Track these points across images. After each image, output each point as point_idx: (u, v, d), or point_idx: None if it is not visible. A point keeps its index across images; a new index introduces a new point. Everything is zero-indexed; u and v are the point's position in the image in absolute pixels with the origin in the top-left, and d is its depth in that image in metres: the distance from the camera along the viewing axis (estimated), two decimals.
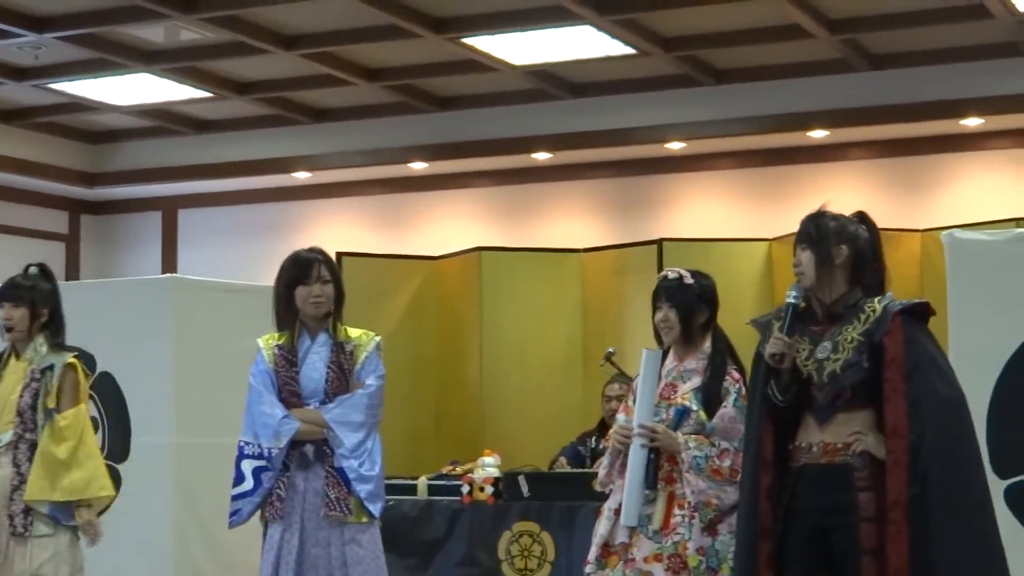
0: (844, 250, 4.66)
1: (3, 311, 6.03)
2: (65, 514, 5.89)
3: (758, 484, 4.62)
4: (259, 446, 5.69)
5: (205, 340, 7.85)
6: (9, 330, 6.03)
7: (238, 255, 12.71)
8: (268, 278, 6.02)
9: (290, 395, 5.73)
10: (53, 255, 13.08)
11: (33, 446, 5.88)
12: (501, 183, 12.09)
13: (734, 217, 11.27)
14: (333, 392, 5.70)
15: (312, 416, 5.68)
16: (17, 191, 12.79)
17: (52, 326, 6.08)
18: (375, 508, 5.66)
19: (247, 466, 5.71)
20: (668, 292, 5.41)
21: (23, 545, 5.82)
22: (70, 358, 6.02)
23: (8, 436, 5.90)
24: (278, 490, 5.66)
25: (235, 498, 5.71)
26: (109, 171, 12.94)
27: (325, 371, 5.73)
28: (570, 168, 11.82)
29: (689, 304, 5.38)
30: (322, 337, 5.77)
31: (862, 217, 4.80)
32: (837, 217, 4.74)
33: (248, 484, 5.69)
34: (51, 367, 5.96)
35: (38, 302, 6.05)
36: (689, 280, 5.42)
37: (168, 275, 9.99)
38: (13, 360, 6.05)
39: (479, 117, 11.55)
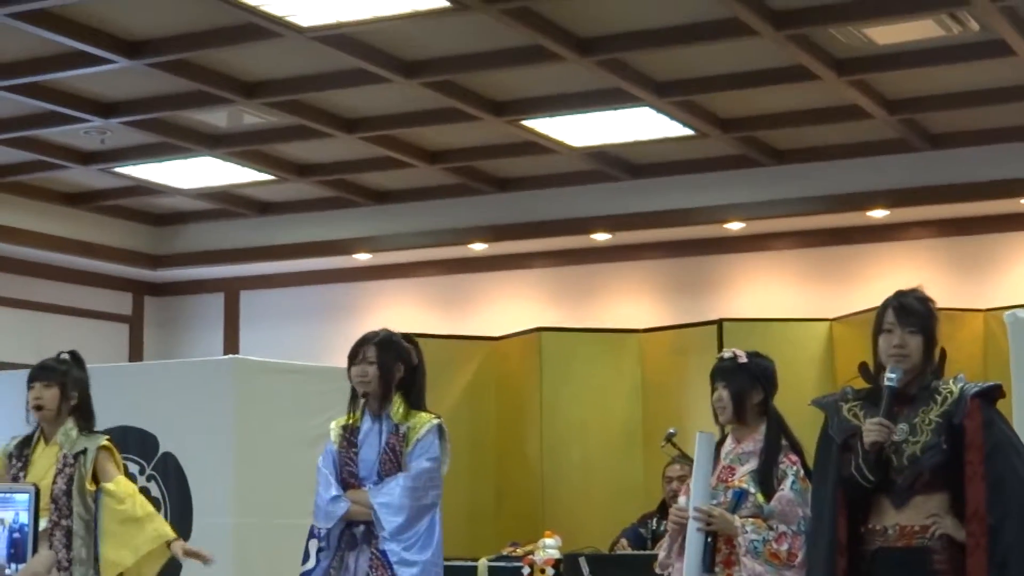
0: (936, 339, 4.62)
1: (33, 391, 6.01)
2: None
3: (834, 568, 4.53)
4: (318, 527, 5.76)
5: (266, 421, 7.85)
6: (39, 409, 6.00)
7: (299, 336, 12.75)
8: (328, 359, 6.07)
9: (348, 476, 5.77)
10: (117, 336, 13.20)
11: (69, 533, 5.81)
12: (560, 264, 12.09)
13: (794, 297, 11.21)
14: (385, 473, 5.73)
15: (361, 497, 5.72)
16: (82, 273, 12.90)
17: (82, 411, 6.06)
18: None
19: (312, 546, 5.77)
20: (722, 372, 5.38)
21: None
22: (103, 441, 6.00)
23: (43, 523, 5.79)
24: (332, 570, 5.72)
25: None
26: (172, 253, 13.04)
27: (379, 453, 5.75)
28: (629, 248, 11.81)
29: (742, 384, 5.34)
30: (382, 419, 5.80)
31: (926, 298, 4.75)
32: (930, 300, 4.68)
33: (311, 563, 5.76)
34: (84, 451, 5.93)
35: (69, 385, 6.04)
36: (744, 360, 5.38)
37: (230, 356, 10.01)
38: (42, 445, 6.01)
39: (538, 198, 11.58)
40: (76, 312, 12.90)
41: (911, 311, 4.58)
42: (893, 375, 4.54)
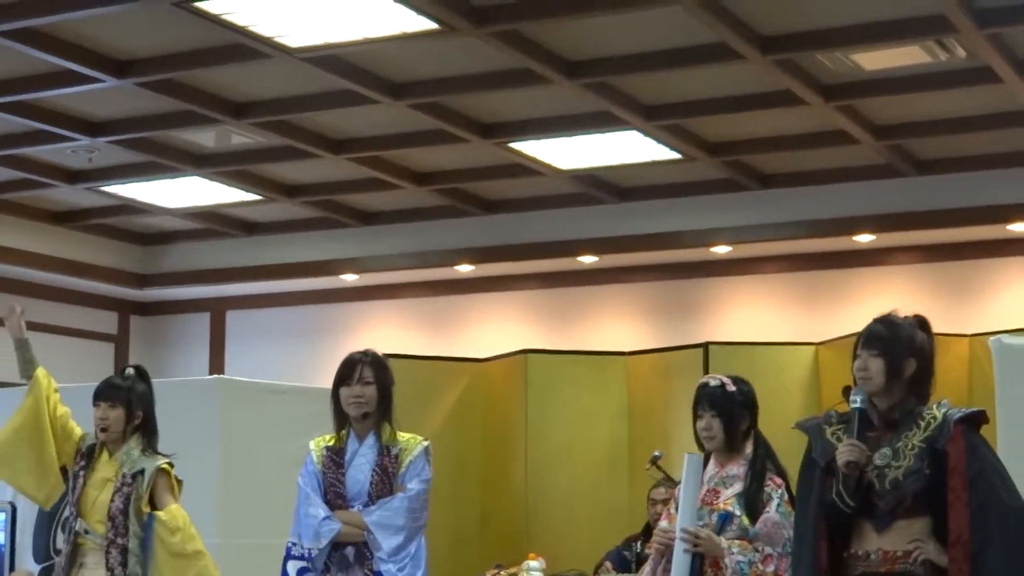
0: (912, 363, 4.62)
1: (99, 411, 5.91)
2: None
3: None
4: (303, 547, 5.71)
5: (252, 441, 7.84)
6: (104, 430, 5.91)
7: (285, 356, 12.75)
8: (315, 379, 6.07)
9: (335, 497, 5.73)
10: (102, 355, 13.19)
11: (124, 551, 5.74)
12: (547, 286, 12.11)
13: (780, 321, 11.23)
14: (377, 495, 5.69)
15: (353, 518, 5.67)
16: (68, 291, 12.90)
17: (146, 429, 5.99)
18: None
19: (292, 567, 5.71)
20: (711, 399, 5.37)
21: None
22: (162, 463, 5.91)
23: (99, 538, 5.78)
24: None
25: None
26: (159, 272, 13.04)
27: (370, 474, 5.71)
28: (616, 271, 11.82)
29: (732, 411, 5.35)
30: (370, 439, 5.76)
31: (922, 323, 4.76)
32: (907, 325, 4.69)
33: None
34: (142, 471, 5.85)
35: (134, 404, 5.95)
36: (731, 388, 5.39)
37: (215, 376, 10.00)
38: (105, 456, 5.94)
39: (525, 220, 11.60)
40: (62, 331, 12.89)
41: (874, 335, 4.62)
42: (857, 397, 4.58)
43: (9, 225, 11.84)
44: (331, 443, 5.79)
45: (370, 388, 5.71)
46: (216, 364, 13.29)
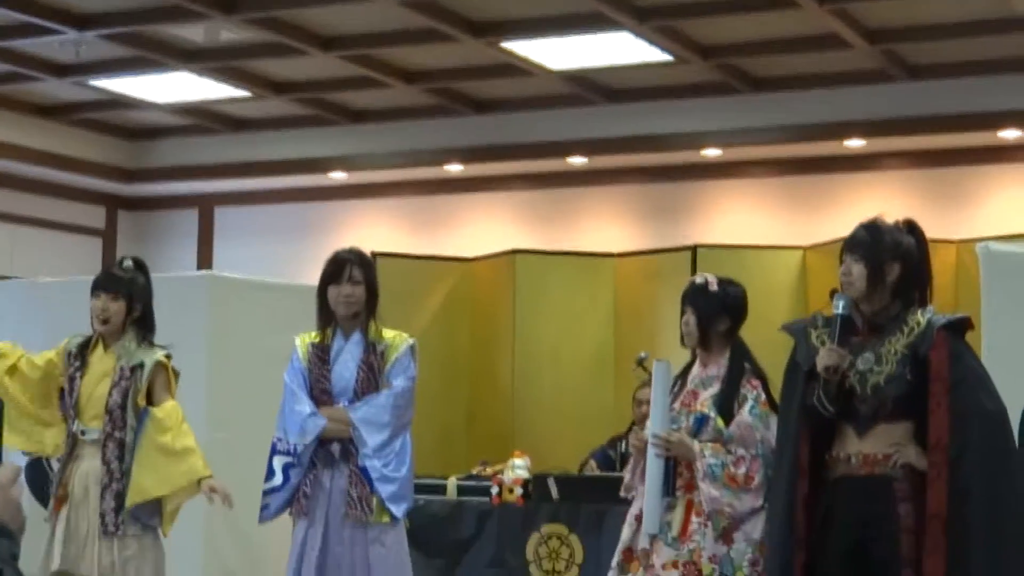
0: (896, 268, 4.63)
1: (99, 302, 5.83)
2: (146, 514, 5.77)
3: (794, 493, 4.59)
4: (288, 442, 5.75)
5: (240, 337, 7.85)
6: (105, 322, 5.84)
7: (273, 253, 12.74)
8: (303, 277, 6.07)
9: (321, 393, 5.77)
10: (90, 250, 13.17)
11: (121, 445, 5.72)
12: (536, 187, 12.09)
13: (768, 225, 11.24)
14: (362, 391, 5.73)
15: (339, 414, 5.72)
16: (55, 186, 12.85)
17: (144, 322, 5.92)
18: (397, 509, 5.67)
19: (278, 462, 5.77)
20: (692, 297, 5.42)
21: (111, 542, 5.70)
22: (161, 356, 5.86)
23: (95, 433, 5.76)
24: (305, 487, 5.73)
25: (265, 493, 5.81)
26: (147, 168, 12.99)
27: (356, 370, 5.76)
28: (605, 173, 11.81)
29: (710, 311, 5.38)
30: (355, 337, 5.80)
31: (911, 227, 4.76)
32: (892, 230, 4.69)
33: (277, 480, 5.76)
34: (141, 365, 5.80)
35: (135, 296, 5.88)
36: (714, 287, 5.41)
37: (204, 272, 10.00)
38: (101, 349, 5.88)
39: (515, 121, 11.55)
40: (49, 225, 12.87)
41: (856, 240, 4.64)
42: (839, 302, 4.61)
43: None
44: (317, 340, 5.83)
45: (359, 288, 5.75)
46: (204, 260, 13.28)
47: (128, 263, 6.02)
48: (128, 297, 5.87)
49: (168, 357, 5.90)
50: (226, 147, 12.57)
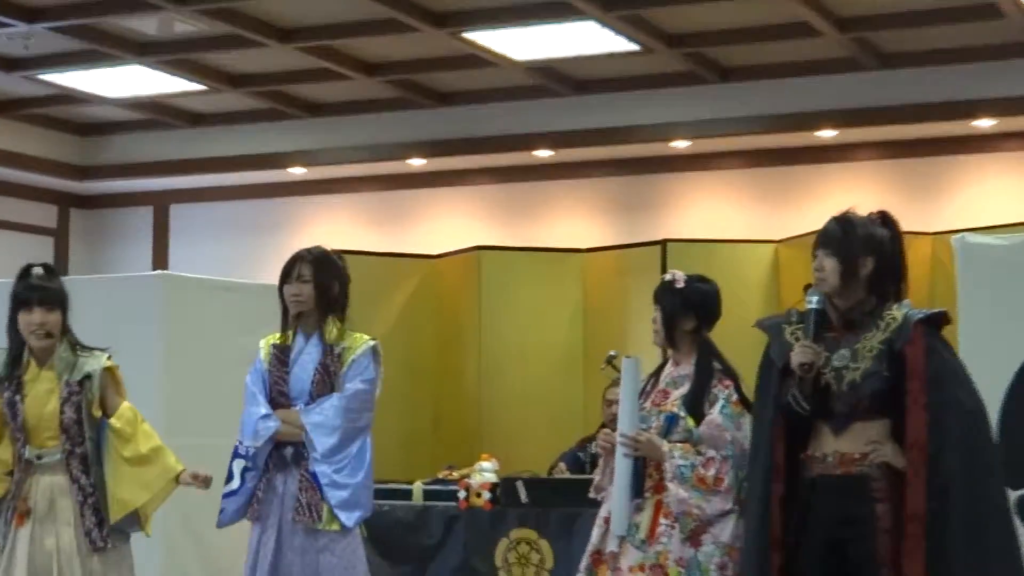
0: (870, 262, 4.62)
1: (35, 316, 5.67)
2: (127, 522, 5.71)
3: (769, 493, 4.59)
4: (244, 445, 5.76)
5: (196, 339, 7.82)
6: (48, 335, 5.68)
7: (231, 252, 12.70)
8: (262, 276, 6.06)
9: (279, 395, 5.79)
10: (41, 250, 13.05)
11: (84, 459, 5.64)
12: (502, 181, 12.07)
13: (740, 218, 11.25)
14: (318, 394, 5.74)
15: (291, 417, 5.73)
16: (5, 184, 12.76)
17: (68, 328, 5.79)
18: (347, 517, 5.65)
19: (237, 466, 5.78)
20: (658, 294, 5.44)
21: (101, 556, 5.62)
22: (104, 360, 5.75)
23: (56, 454, 5.66)
24: (259, 491, 5.74)
25: (223, 497, 5.81)
26: (100, 164, 12.91)
27: (312, 373, 5.76)
28: (572, 166, 11.80)
29: (675, 309, 5.39)
30: (315, 338, 5.80)
31: (885, 219, 4.76)
32: (864, 223, 4.68)
33: (235, 483, 5.79)
34: (89, 376, 5.69)
35: (66, 305, 5.74)
36: (680, 284, 5.42)
37: (159, 272, 9.96)
38: (34, 366, 5.73)
39: (480, 113, 11.54)
40: None
41: (828, 234, 4.65)
42: (812, 298, 4.61)
43: None
44: (279, 342, 5.83)
45: (307, 286, 5.75)
46: (160, 259, 13.22)
47: (38, 270, 5.84)
48: (62, 307, 5.74)
49: (110, 358, 5.80)
50: (181, 143, 12.52)
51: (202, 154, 12.48)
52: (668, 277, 5.48)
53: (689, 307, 5.40)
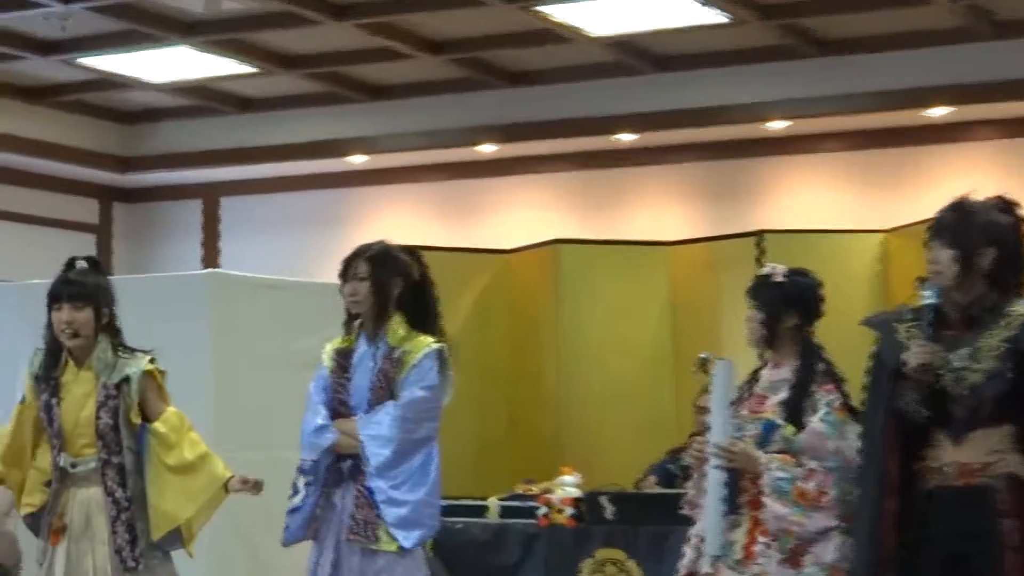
0: (990, 253, 4.58)
1: (63, 314, 5.72)
2: (167, 540, 5.72)
3: (881, 509, 4.56)
4: (303, 458, 5.79)
5: (249, 342, 7.85)
6: (75, 336, 5.73)
7: (286, 248, 12.76)
8: (319, 273, 6.06)
9: (339, 404, 5.81)
10: (82, 248, 13.05)
11: (121, 470, 5.67)
12: (580, 168, 12.07)
13: (843, 205, 11.19)
14: (377, 402, 5.75)
15: (349, 427, 5.74)
16: (42, 177, 12.88)
17: (112, 327, 5.82)
18: (406, 537, 5.63)
19: (301, 481, 5.79)
20: (755, 291, 5.40)
21: None
22: (146, 363, 5.77)
23: (92, 462, 5.70)
24: (318, 508, 5.75)
25: (288, 512, 5.81)
26: (144, 155, 13.01)
27: (371, 379, 5.77)
28: (657, 151, 11.77)
29: (775, 306, 5.35)
30: (377, 341, 5.81)
31: (1005, 205, 4.70)
32: (983, 209, 4.64)
33: (299, 498, 5.78)
34: (127, 379, 5.72)
35: (102, 302, 5.77)
36: (780, 278, 5.38)
37: (209, 270, 10.03)
38: (73, 367, 5.79)
39: (554, 94, 11.53)
40: (35, 220, 12.90)
41: (943, 223, 4.60)
42: (928, 292, 4.57)
43: None
44: (342, 345, 5.85)
45: (363, 285, 5.76)
46: (209, 256, 13.31)
47: (81, 263, 5.92)
48: (95, 304, 5.76)
49: (152, 361, 5.83)
50: (231, 130, 12.59)
51: (254, 142, 12.55)
52: (766, 271, 5.44)
53: (790, 304, 5.37)
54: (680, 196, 11.77)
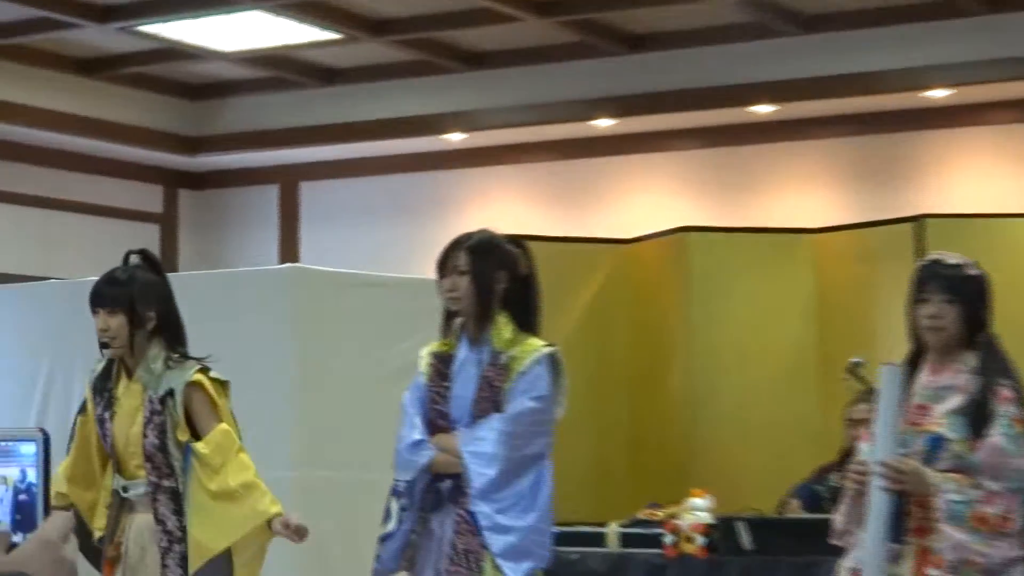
0: None
1: (98, 320, 5.80)
2: (213, 571, 5.76)
3: None
4: (396, 479, 5.79)
5: (335, 346, 7.87)
6: (106, 345, 5.81)
7: (375, 239, 12.82)
8: (415, 267, 6.05)
9: (437, 416, 5.81)
10: (144, 240, 13.23)
11: (174, 495, 5.72)
12: (710, 144, 12.06)
13: (1016, 185, 11.09)
14: (480, 414, 5.74)
15: (449, 443, 5.74)
16: (99, 161, 13.01)
17: (165, 332, 5.87)
18: (514, 569, 5.63)
19: (395, 505, 5.79)
20: (950, 282, 5.31)
21: None
22: (193, 373, 5.80)
23: (142, 487, 5.77)
24: (413, 535, 5.77)
25: (380, 540, 5.83)
26: (213, 135, 13.12)
27: (474, 388, 5.75)
28: (800, 124, 11.73)
29: (974, 301, 5.29)
30: (481, 345, 5.79)
31: None
32: None
33: (392, 525, 5.79)
34: (171, 392, 5.77)
35: (138, 302, 5.80)
36: (973, 270, 5.33)
37: (288, 265, 10.07)
38: (124, 378, 5.86)
39: (681, 60, 11.53)
40: (91, 210, 13.03)
41: None
42: None
43: (23, 77, 11.92)
44: (441, 349, 5.83)
45: (463, 279, 5.75)
46: (288, 249, 13.41)
47: (134, 258, 5.98)
48: (128, 306, 5.80)
49: (204, 370, 5.85)
50: (312, 105, 12.66)
51: (338, 119, 12.62)
52: (952, 260, 5.35)
53: (984, 299, 5.32)
54: (826, 176, 11.72)
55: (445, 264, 5.80)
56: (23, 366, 8.23)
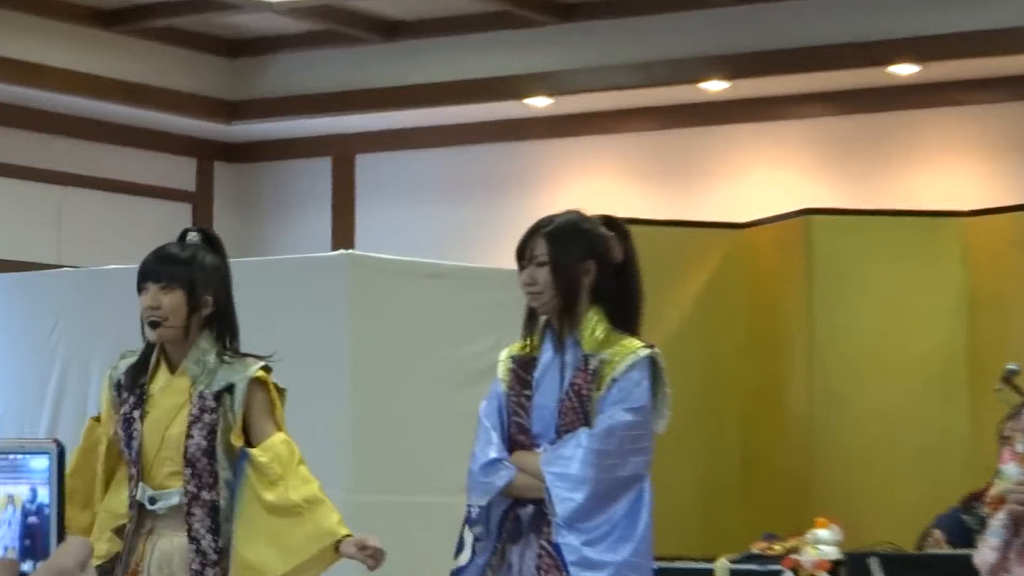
0: None
1: (147, 297, 5.80)
2: None
3: None
4: (469, 504, 5.79)
5: (396, 347, 7.90)
6: (155, 325, 5.80)
7: (444, 221, 12.85)
8: (490, 256, 6.05)
9: (518, 430, 5.81)
10: (175, 220, 13.34)
11: (213, 509, 5.73)
12: (840, 112, 12.05)
13: None
14: (566, 429, 5.72)
15: (530, 463, 5.73)
16: (123, 129, 13.06)
17: (220, 322, 5.90)
18: None
19: (468, 533, 5.80)
20: None
21: None
22: (257, 370, 5.82)
23: (175, 497, 5.76)
24: (488, 570, 5.79)
25: (452, 574, 5.86)
26: (256, 98, 13.16)
27: (559, 397, 5.73)
28: (944, 88, 11.70)
29: None
30: (568, 346, 5.77)
31: None
32: None
33: (464, 557, 5.81)
34: (230, 387, 5.78)
35: (199, 284, 5.81)
36: None
37: (342, 251, 10.09)
38: (164, 372, 5.88)
39: (803, 14, 11.50)
40: (116, 186, 13.10)
41: None
42: None
43: (39, 31, 11.99)
44: (522, 352, 5.80)
45: (542, 271, 5.74)
46: (342, 233, 13.44)
47: (192, 235, 6.00)
48: (188, 286, 5.82)
49: (267, 370, 5.87)
50: (371, 64, 12.69)
51: (401, 81, 12.64)
52: None
53: None
54: (979, 149, 11.68)
55: (523, 253, 5.79)
56: (32, 366, 8.28)
